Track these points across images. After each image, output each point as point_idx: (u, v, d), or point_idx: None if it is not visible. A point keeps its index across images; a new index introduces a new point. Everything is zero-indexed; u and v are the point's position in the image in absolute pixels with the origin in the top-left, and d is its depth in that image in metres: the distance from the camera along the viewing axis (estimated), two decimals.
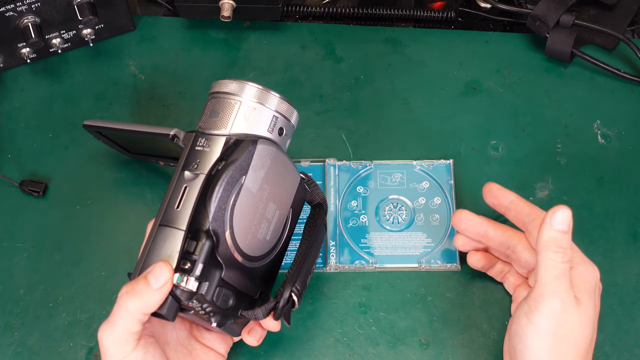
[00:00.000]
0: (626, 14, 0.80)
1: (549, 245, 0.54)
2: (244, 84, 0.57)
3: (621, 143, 0.73)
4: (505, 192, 0.62)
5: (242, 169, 0.54)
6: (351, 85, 0.76)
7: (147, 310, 0.51)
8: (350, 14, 0.79)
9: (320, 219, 0.60)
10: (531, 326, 0.53)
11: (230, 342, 0.61)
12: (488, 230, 0.62)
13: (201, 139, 0.56)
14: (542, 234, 0.54)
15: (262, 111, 0.57)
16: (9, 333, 0.64)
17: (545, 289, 0.53)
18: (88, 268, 0.67)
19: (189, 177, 0.54)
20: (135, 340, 0.52)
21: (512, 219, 0.62)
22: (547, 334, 0.53)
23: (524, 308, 0.54)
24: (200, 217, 0.52)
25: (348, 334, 0.64)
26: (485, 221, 0.62)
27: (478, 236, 0.62)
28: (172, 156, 0.65)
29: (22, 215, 0.69)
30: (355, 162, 0.71)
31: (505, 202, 0.61)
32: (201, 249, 0.51)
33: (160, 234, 0.53)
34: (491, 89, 0.76)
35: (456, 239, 0.64)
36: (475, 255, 0.64)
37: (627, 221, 0.69)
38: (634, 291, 0.66)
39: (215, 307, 0.53)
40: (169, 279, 0.51)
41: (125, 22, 0.77)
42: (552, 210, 0.54)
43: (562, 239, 0.54)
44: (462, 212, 0.62)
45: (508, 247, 0.62)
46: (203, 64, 0.77)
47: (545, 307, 0.53)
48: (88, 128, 0.67)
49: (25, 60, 0.75)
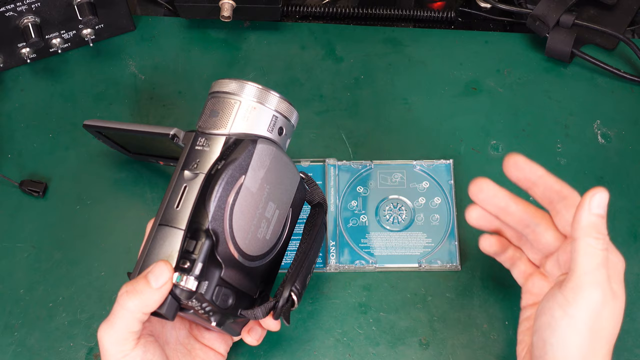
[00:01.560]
0: (626, 14, 0.80)
1: (590, 231, 0.49)
2: (243, 83, 0.57)
3: (621, 143, 0.73)
4: (533, 165, 0.55)
5: (242, 169, 0.54)
6: (351, 85, 0.76)
7: (147, 310, 0.51)
8: (350, 14, 0.79)
9: (320, 218, 0.60)
10: (567, 319, 0.49)
11: (230, 341, 0.61)
12: (509, 204, 0.56)
13: (201, 138, 0.56)
14: (580, 218, 0.49)
15: (261, 111, 0.57)
16: (9, 333, 0.64)
17: (585, 278, 0.49)
18: (88, 268, 0.67)
19: (188, 177, 0.54)
20: (135, 340, 0.52)
21: (539, 196, 0.55)
22: (585, 327, 0.49)
23: (558, 299, 0.50)
24: (199, 217, 0.52)
25: (348, 334, 0.64)
26: (508, 194, 0.56)
27: (497, 210, 0.57)
28: (172, 156, 0.65)
29: (22, 215, 0.69)
30: (355, 162, 0.71)
31: (532, 177, 0.55)
32: (201, 248, 0.51)
33: (160, 234, 0.53)
34: (491, 89, 0.76)
35: (470, 212, 0.58)
36: (489, 239, 0.59)
37: (627, 221, 0.69)
38: (634, 291, 0.66)
39: (214, 307, 0.53)
40: (169, 279, 0.51)
41: (125, 22, 0.77)
42: (591, 193, 0.49)
43: (601, 224, 0.49)
44: (483, 180, 0.56)
45: (528, 226, 0.56)
46: (203, 64, 0.77)
47: (585, 299, 0.48)
48: (88, 128, 0.67)
49: (25, 60, 0.75)
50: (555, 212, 0.55)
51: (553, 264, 0.56)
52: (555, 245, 0.56)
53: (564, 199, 0.54)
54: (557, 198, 0.54)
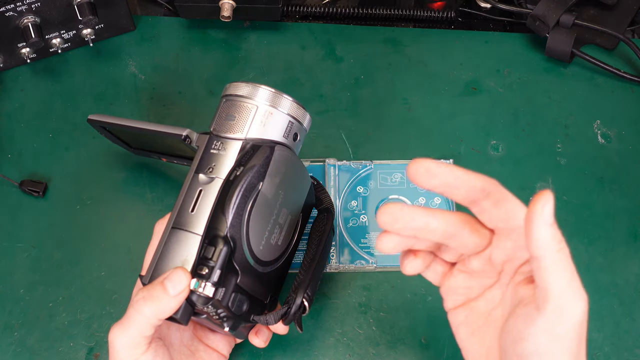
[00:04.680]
0: (626, 14, 0.80)
1: (553, 245, 0.44)
2: (260, 88, 0.57)
3: (621, 143, 0.73)
4: (447, 167, 0.46)
5: (260, 175, 0.53)
6: (351, 85, 0.76)
7: (163, 316, 0.51)
8: (350, 14, 0.79)
9: (329, 224, 0.60)
10: (556, 342, 0.45)
11: (233, 342, 0.61)
12: (429, 221, 0.47)
13: (216, 141, 0.56)
14: (539, 235, 0.44)
15: (278, 116, 0.57)
16: (9, 333, 0.64)
17: (565, 295, 0.44)
18: (88, 268, 0.67)
19: (203, 181, 0.54)
20: (147, 344, 0.52)
21: (460, 198, 0.47)
22: (574, 343, 0.45)
23: (540, 324, 0.45)
24: (217, 223, 0.52)
25: (348, 334, 0.64)
26: (422, 210, 0.47)
27: (415, 231, 0.47)
28: (176, 154, 0.65)
29: (22, 215, 0.69)
30: (355, 162, 0.71)
31: (451, 180, 0.46)
32: (219, 255, 0.51)
33: (174, 237, 0.53)
34: (491, 89, 0.76)
35: (384, 242, 0.48)
36: (414, 262, 0.51)
37: (627, 221, 0.69)
38: (634, 291, 0.66)
39: (229, 313, 0.52)
40: (186, 286, 0.50)
41: (125, 22, 0.77)
42: (541, 203, 0.43)
43: (557, 230, 0.44)
44: (394, 207, 0.46)
45: (452, 235, 0.48)
46: (203, 64, 0.77)
47: (570, 316, 0.45)
48: (92, 123, 0.66)
49: (25, 60, 0.75)
50: (481, 210, 0.48)
51: (482, 262, 0.50)
52: (483, 244, 0.49)
53: (488, 195, 0.47)
54: (481, 196, 0.47)
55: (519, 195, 0.62)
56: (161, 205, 0.70)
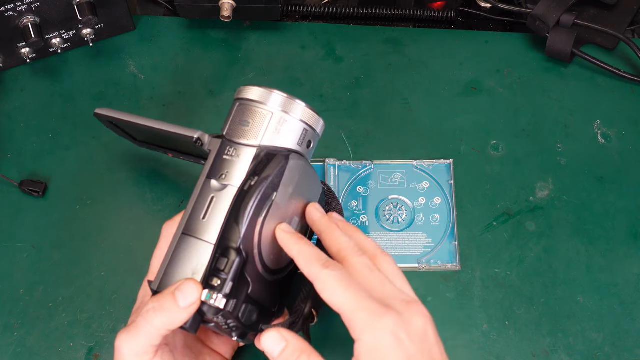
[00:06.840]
0: (626, 14, 0.80)
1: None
2: (275, 93, 0.56)
3: (621, 143, 0.73)
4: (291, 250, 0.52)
5: (274, 186, 0.53)
6: (351, 85, 0.76)
7: (172, 327, 0.51)
8: (350, 14, 0.79)
9: None
10: None
11: (236, 346, 0.60)
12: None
13: (229, 147, 0.55)
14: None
15: (293, 124, 0.56)
16: (9, 333, 0.64)
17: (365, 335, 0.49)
18: (88, 268, 0.67)
19: (216, 187, 0.53)
20: (154, 352, 0.52)
21: None
22: None
23: None
24: (231, 234, 0.51)
25: (348, 333, 0.64)
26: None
27: None
28: (183, 151, 0.64)
29: (22, 215, 0.69)
30: (355, 162, 0.71)
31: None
32: (231, 266, 0.50)
33: (184, 244, 0.52)
34: (491, 89, 0.76)
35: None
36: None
37: (627, 221, 0.69)
38: (634, 291, 0.66)
39: (239, 323, 0.52)
40: (197, 299, 0.50)
41: (125, 22, 0.77)
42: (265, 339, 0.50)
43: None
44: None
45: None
46: (203, 64, 0.77)
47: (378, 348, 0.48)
48: (99, 117, 0.64)
49: (25, 60, 0.74)
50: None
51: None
52: None
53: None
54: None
55: (519, 195, 0.62)
56: (161, 205, 0.70)
